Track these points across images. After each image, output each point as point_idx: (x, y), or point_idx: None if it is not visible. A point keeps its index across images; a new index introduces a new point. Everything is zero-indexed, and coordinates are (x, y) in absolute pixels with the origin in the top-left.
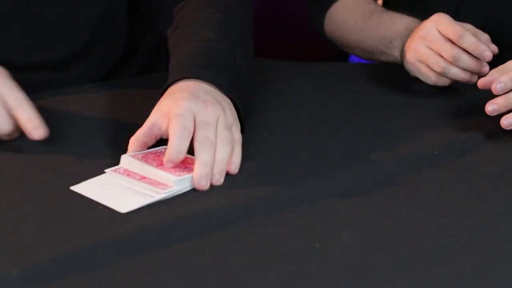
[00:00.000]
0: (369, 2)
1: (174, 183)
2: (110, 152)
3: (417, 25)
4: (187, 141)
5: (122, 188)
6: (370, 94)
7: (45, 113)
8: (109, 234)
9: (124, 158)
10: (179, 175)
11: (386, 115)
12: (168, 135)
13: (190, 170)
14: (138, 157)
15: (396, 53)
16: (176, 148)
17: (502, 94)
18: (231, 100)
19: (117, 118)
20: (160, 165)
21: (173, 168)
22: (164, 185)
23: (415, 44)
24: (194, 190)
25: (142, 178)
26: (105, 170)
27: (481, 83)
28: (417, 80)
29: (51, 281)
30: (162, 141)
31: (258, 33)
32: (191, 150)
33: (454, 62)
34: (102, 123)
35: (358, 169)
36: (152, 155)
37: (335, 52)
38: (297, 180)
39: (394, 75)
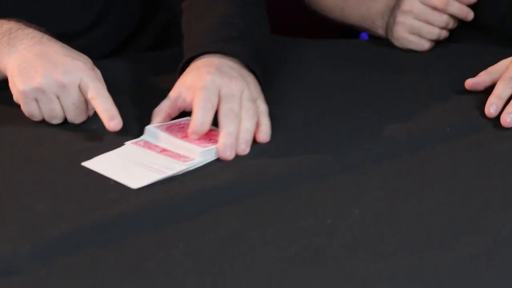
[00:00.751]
0: None
1: (200, 155)
2: (121, 129)
3: (395, 1)
4: (211, 113)
5: (134, 163)
6: (382, 71)
7: None
8: (121, 210)
9: (148, 128)
10: (204, 147)
11: (398, 92)
12: (192, 108)
13: (215, 141)
14: (162, 128)
15: (380, 32)
16: (200, 119)
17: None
18: (254, 73)
19: (128, 94)
20: (185, 137)
21: (197, 140)
22: (186, 157)
23: (402, 18)
24: (207, 165)
25: (163, 151)
26: (125, 143)
27: (469, 84)
28: (429, 57)
29: (62, 256)
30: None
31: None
32: (216, 124)
33: (445, 27)
34: (113, 99)
35: (370, 146)
36: (176, 127)
37: (344, 29)
38: (309, 156)
39: (406, 52)
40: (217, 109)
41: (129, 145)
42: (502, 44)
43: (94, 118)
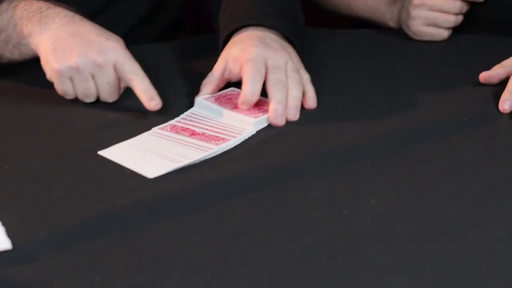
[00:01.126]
0: None
1: (253, 125)
2: (138, 117)
3: None
4: (260, 83)
5: (150, 152)
6: (399, 61)
7: None
8: (136, 199)
9: (198, 100)
10: (256, 117)
11: (413, 82)
12: (237, 79)
13: (265, 111)
14: (211, 100)
15: (392, 24)
16: (250, 89)
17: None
18: (292, 46)
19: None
20: (235, 107)
21: (247, 110)
22: (219, 139)
23: (416, 12)
24: (223, 155)
25: (193, 134)
26: (153, 129)
27: (483, 77)
28: (444, 48)
29: (78, 244)
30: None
31: None
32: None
33: (460, 12)
34: (129, 88)
35: (386, 136)
36: (224, 98)
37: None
38: (325, 146)
39: (419, 42)
40: (264, 80)
41: (148, 133)
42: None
43: (111, 106)
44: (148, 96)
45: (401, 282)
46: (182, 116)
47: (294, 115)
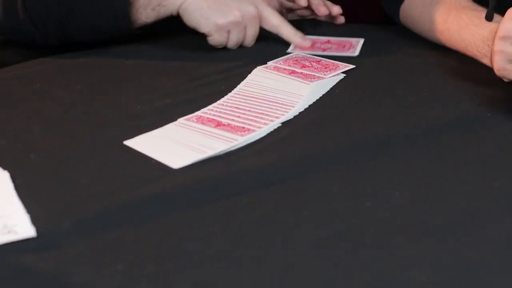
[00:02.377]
0: None
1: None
2: (164, 109)
3: None
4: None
5: (176, 143)
6: (425, 56)
7: (99, 69)
8: (161, 188)
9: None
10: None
11: (440, 77)
12: None
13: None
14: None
15: (486, 61)
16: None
17: None
18: None
19: (171, 75)
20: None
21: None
22: (244, 130)
23: (500, 47)
24: (246, 148)
25: (218, 125)
26: (178, 119)
27: None
28: None
29: (102, 232)
30: None
31: None
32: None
33: None
34: (158, 80)
35: (411, 130)
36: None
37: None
38: (349, 138)
39: None
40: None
41: (174, 124)
42: None
43: (138, 98)
44: (301, 37)
45: (423, 274)
46: (208, 107)
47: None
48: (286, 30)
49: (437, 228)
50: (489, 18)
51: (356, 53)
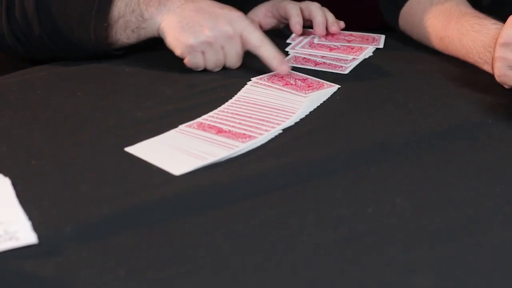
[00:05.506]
0: (444, 0)
1: (305, 100)
2: (165, 115)
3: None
4: None
5: (177, 150)
6: (425, 63)
7: (99, 76)
8: (163, 194)
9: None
10: (306, 93)
11: (442, 84)
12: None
13: (314, 88)
14: (265, 79)
15: (486, 67)
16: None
17: None
18: None
19: (171, 82)
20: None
21: (298, 87)
22: (245, 137)
23: (501, 53)
24: (249, 153)
25: (219, 132)
26: (179, 126)
27: None
28: None
29: (103, 238)
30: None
31: None
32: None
33: None
34: (158, 86)
35: (412, 136)
36: (276, 78)
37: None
38: (350, 145)
39: None
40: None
41: (175, 131)
42: None
43: (138, 105)
44: (279, 61)
45: (426, 280)
46: (209, 113)
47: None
48: (265, 52)
49: (439, 234)
50: (484, 2)
51: (347, 71)
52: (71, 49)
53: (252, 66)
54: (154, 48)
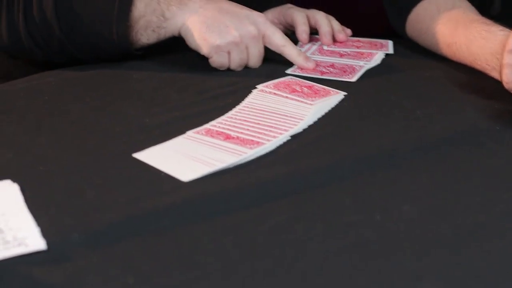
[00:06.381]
0: (452, 7)
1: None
2: (173, 122)
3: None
4: None
5: (185, 156)
6: (432, 69)
7: (107, 82)
8: (171, 200)
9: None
10: (313, 100)
11: (449, 90)
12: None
13: (321, 95)
14: (271, 86)
15: (494, 74)
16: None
17: None
18: None
19: (178, 88)
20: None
21: (305, 94)
22: (253, 143)
23: (509, 60)
24: (257, 160)
25: (227, 138)
26: (187, 132)
27: None
28: None
29: (112, 245)
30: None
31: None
32: None
33: None
34: (165, 93)
35: (419, 143)
36: (282, 84)
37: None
38: (358, 151)
39: None
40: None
41: (183, 137)
42: None
43: (146, 111)
44: (304, 58)
45: (433, 287)
46: (217, 120)
47: None
48: (289, 51)
49: (447, 240)
50: (493, 11)
51: (355, 79)
52: (90, 51)
53: (261, 72)
54: (159, 57)
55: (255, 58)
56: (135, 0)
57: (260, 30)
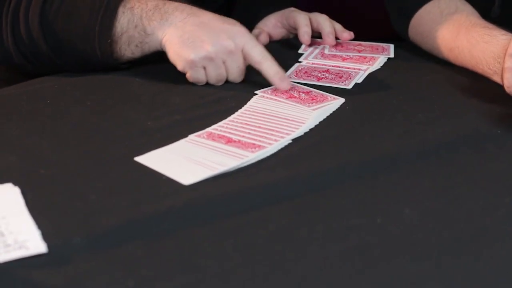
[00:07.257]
0: (455, 10)
1: (312, 113)
2: (174, 125)
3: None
4: None
5: (186, 159)
6: (434, 73)
7: (108, 86)
8: (172, 204)
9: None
10: (310, 106)
11: (451, 94)
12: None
13: (318, 101)
14: (269, 92)
15: (496, 78)
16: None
17: None
18: None
19: (180, 92)
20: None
21: (303, 100)
22: (255, 147)
23: (510, 64)
24: (258, 163)
25: (229, 142)
26: (189, 136)
27: None
28: None
29: (113, 248)
30: None
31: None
32: None
33: None
34: (167, 96)
35: (421, 147)
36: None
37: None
38: (360, 155)
39: None
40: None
41: (184, 140)
42: None
43: (148, 115)
44: (280, 78)
45: None
46: (218, 123)
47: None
48: (266, 68)
49: (448, 245)
50: (493, 14)
51: (350, 86)
52: (78, 65)
53: (262, 76)
54: (160, 61)
55: (233, 73)
56: (118, 15)
57: (238, 45)
